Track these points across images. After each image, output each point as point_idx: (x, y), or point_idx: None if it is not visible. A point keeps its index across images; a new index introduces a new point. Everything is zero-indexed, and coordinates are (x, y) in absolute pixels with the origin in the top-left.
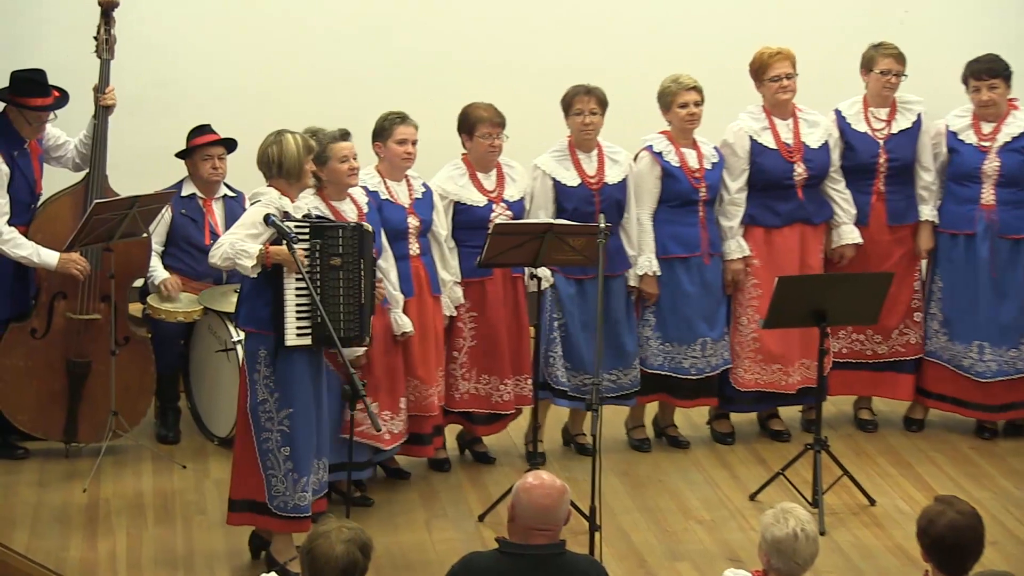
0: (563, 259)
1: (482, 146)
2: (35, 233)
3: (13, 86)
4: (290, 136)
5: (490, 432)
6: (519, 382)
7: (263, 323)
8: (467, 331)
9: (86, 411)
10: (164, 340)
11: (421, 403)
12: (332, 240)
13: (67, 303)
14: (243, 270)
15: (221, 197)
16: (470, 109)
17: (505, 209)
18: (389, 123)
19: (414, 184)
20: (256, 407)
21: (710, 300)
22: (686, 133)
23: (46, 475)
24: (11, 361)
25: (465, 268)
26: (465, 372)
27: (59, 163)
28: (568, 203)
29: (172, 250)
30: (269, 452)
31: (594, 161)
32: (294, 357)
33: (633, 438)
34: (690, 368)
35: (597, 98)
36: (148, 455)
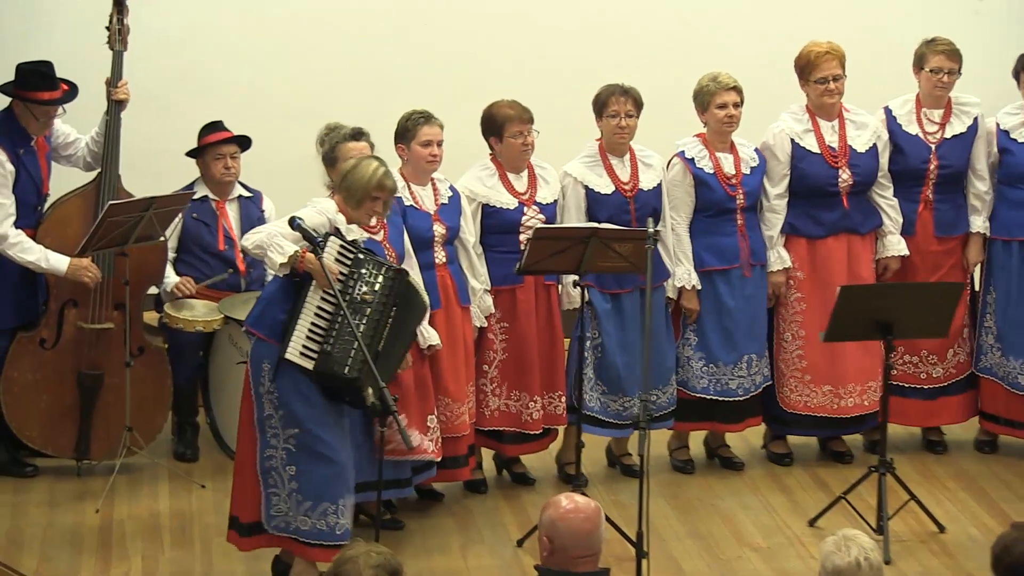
0: (608, 266)
1: (514, 146)
2: (43, 236)
3: (19, 79)
4: (373, 163)
5: (521, 452)
6: (551, 399)
7: (273, 331)
8: (498, 343)
9: (99, 427)
10: (182, 351)
11: (452, 423)
12: (371, 275)
13: (78, 311)
14: (271, 264)
15: (236, 198)
16: (495, 109)
17: (538, 212)
18: (412, 123)
19: (440, 188)
20: (262, 422)
21: (753, 314)
22: (723, 136)
23: (56, 495)
24: (19, 373)
25: (494, 275)
26: (495, 387)
27: (69, 162)
28: (602, 212)
29: (184, 256)
30: (272, 470)
31: (627, 166)
32: (294, 377)
33: (676, 459)
34: (737, 389)
35: (633, 99)
36: (165, 474)
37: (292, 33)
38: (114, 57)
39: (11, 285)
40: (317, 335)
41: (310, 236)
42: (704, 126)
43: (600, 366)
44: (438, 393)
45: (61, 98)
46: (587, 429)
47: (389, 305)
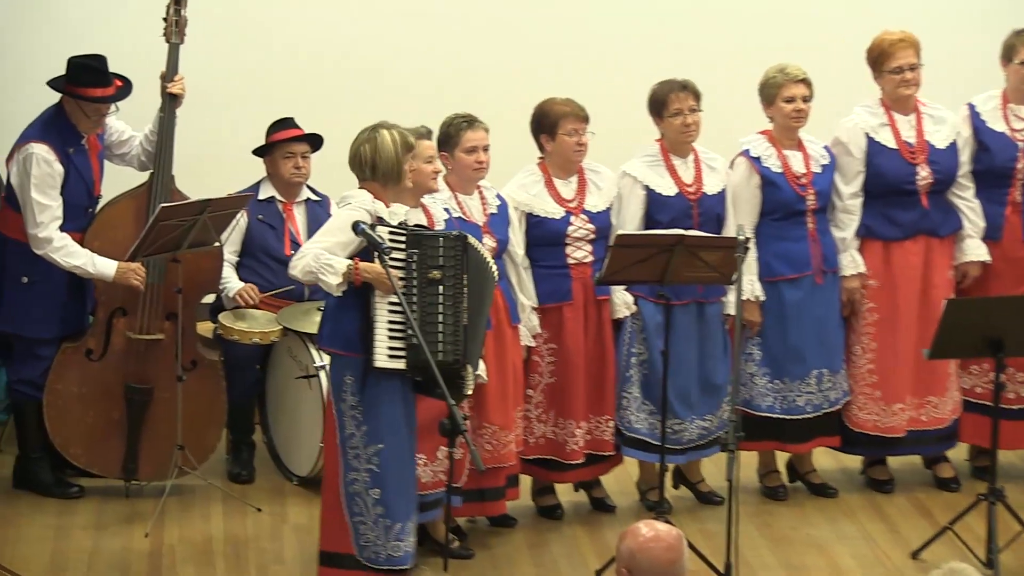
0: (694, 276)
1: (568, 145)
2: (91, 240)
3: (70, 74)
4: (386, 132)
5: (564, 480)
6: (598, 424)
7: (350, 343)
8: (544, 365)
9: (148, 445)
10: (237, 364)
11: (498, 451)
12: (431, 251)
13: (127, 321)
14: (327, 287)
15: (303, 201)
16: (548, 106)
17: (586, 222)
18: (455, 128)
19: (488, 197)
20: (344, 442)
21: (825, 325)
22: (790, 132)
23: (103, 517)
24: (64, 387)
25: (540, 292)
26: (541, 413)
27: (123, 161)
28: (663, 215)
29: (247, 261)
30: (356, 495)
31: (691, 168)
32: (384, 384)
33: (766, 485)
34: (805, 406)
35: (693, 93)
36: (218, 496)
37: (363, 24)
38: (170, 50)
39: (57, 292)
40: (398, 332)
41: (375, 241)
42: (770, 122)
43: (647, 384)
44: (483, 420)
45: (114, 95)
46: (632, 453)
47: (460, 274)
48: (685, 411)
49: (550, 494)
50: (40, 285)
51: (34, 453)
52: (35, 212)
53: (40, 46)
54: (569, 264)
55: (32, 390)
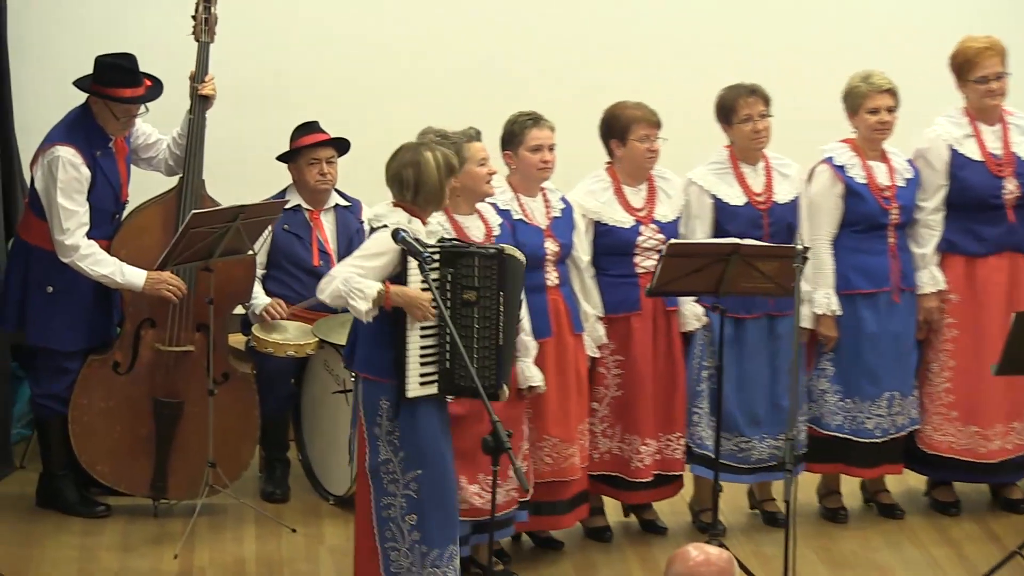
0: (751, 287)
1: (639, 151)
2: (118, 248)
3: (98, 73)
4: (430, 156)
5: (633, 500)
6: (668, 441)
7: (383, 370)
8: (610, 378)
9: (177, 462)
10: (271, 378)
11: (560, 465)
12: (467, 270)
13: (156, 332)
14: (356, 313)
15: (332, 207)
16: (619, 109)
17: (656, 231)
18: (520, 127)
19: (552, 200)
20: (377, 467)
21: (900, 345)
22: (875, 143)
23: (131, 538)
24: (90, 401)
25: (608, 301)
26: (607, 428)
27: (150, 165)
28: (731, 225)
29: (274, 273)
30: (390, 521)
31: (760, 175)
32: (421, 406)
33: (826, 506)
34: (874, 429)
35: (763, 97)
36: (251, 516)
37: (394, 25)
38: (199, 49)
39: (83, 302)
40: (430, 356)
41: (415, 250)
42: (853, 131)
43: (714, 400)
44: (543, 433)
45: (144, 95)
46: (700, 471)
47: (495, 293)
48: (752, 429)
49: (599, 515)
50: (65, 295)
51: (59, 470)
52: (61, 218)
53: (64, 44)
54: (638, 273)
55: (57, 405)
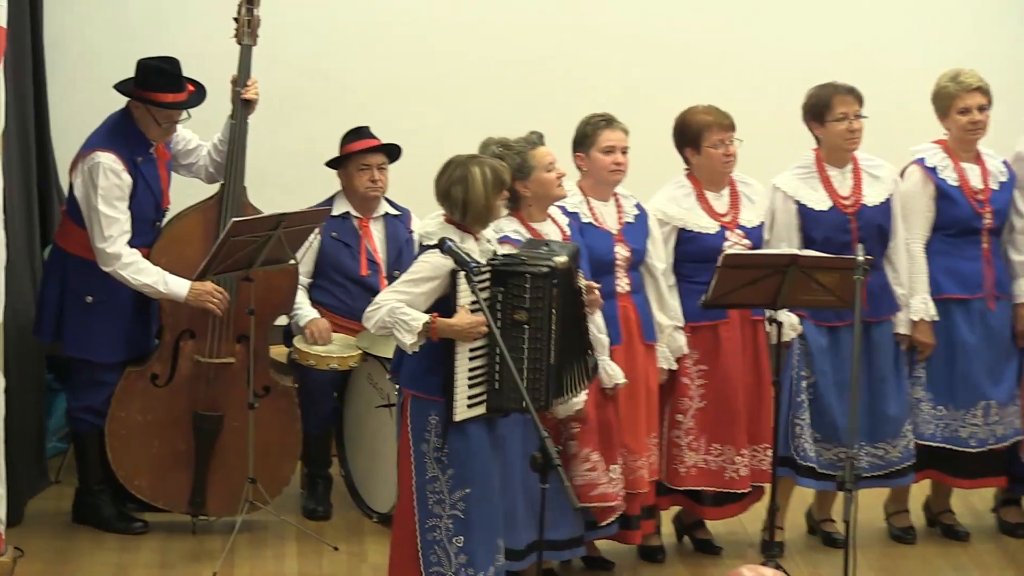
0: (810, 299)
1: (715, 157)
2: (158, 257)
3: (140, 77)
4: (477, 172)
5: (722, 516)
6: (756, 453)
7: (431, 388)
8: (694, 388)
9: (217, 477)
10: (313, 391)
11: (628, 477)
12: (517, 289)
13: (195, 344)
14: (401, 345)
15: (381, 216)
16: (689, 116)
17: (742, 237)
18: (592, 128)
19: (624, 205)
20: (423, 486)
21: (995, 353)
22: (967, 144)
23: (169, 555)
24: (128, 414)
25: (692, 310)
26: (692, 440)
27: (189, 172)
28: (817, 231)
29: (321, 282)
30: (435, 543)
31: (848, 178)
32: (471, 424)
33: (894, 526)
34: (969, 439)
35: (859, 98)
36: (292, 533)
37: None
38: (242, 52)
39: (122, 313)
40: (479, 377)
41: (463, 259)
42: (945, 133)
43: (814, 411)
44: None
45: (187, 100)
46: (806, 483)
47: (547, 312)
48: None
49: (701, 528)
50: (104, 305)
51: (95, 485)
52: (102, 225)
53: (102, 48)
54: None
55: (94, 418)
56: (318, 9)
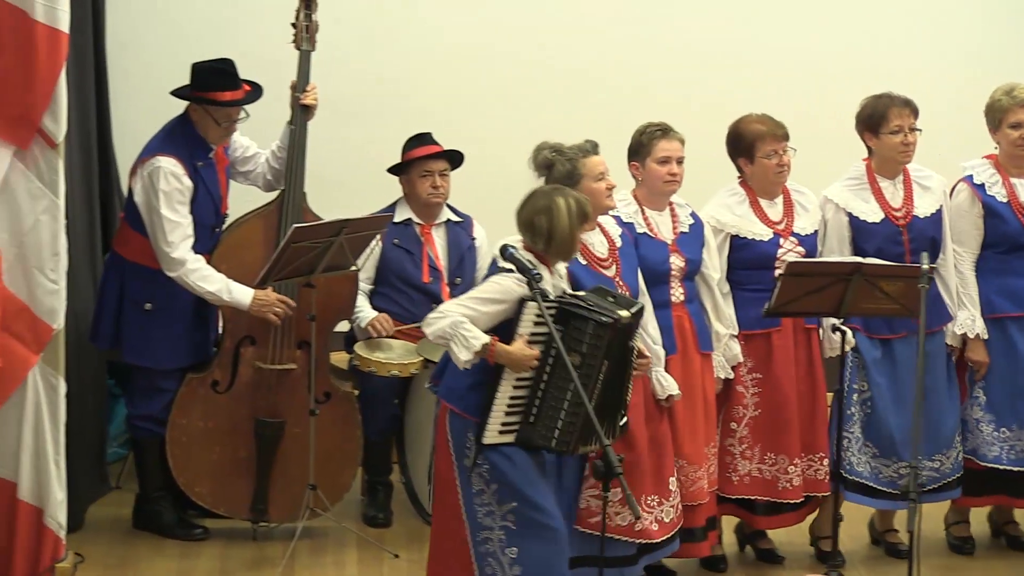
0: (873, 308)
1: (768, 167)
2: (219, 262)
3: (196, 79)
4: (563, 203)
5: (775, 525)
6: (812, 463)
7: (468, 407)
8: (749, 397)
9: (278, 484)
10: (374, 398)
11: (688, 489)
12: (577, 332)
13: (256, 350)
14: (455, 359)
15: (443, 223)
16: (743, 125)
17: (796, 244)
18: (647, 137)
19: (679, 214)
20: (471, 499)
21: None
22: (1018, 160)
23: (229, 562)
24: (188, 421)
25: (745, 317)
26: (746, 449)
27: (247, 179)
28: (868, 243)
29: (383, 289)
30: (489, 555)
31: (899, 190)
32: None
33: (953, 536)
34: None
35: (915, 111)
36: (353, 540)
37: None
38: (300, 58)
39: (182, 319)
40: (518, 407)
41: (525, 267)
42: (995, 147)
43: (869, 424)
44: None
45: (244, 98)
46: (854, 498)
47: (599, 361)
48: (908, 452)
49: (763, 538)
50: (163, 312)
51: (155, 492)
52: (165, 230)
53: (162, 55)
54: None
55: (154, 425)
56: (378, 14)
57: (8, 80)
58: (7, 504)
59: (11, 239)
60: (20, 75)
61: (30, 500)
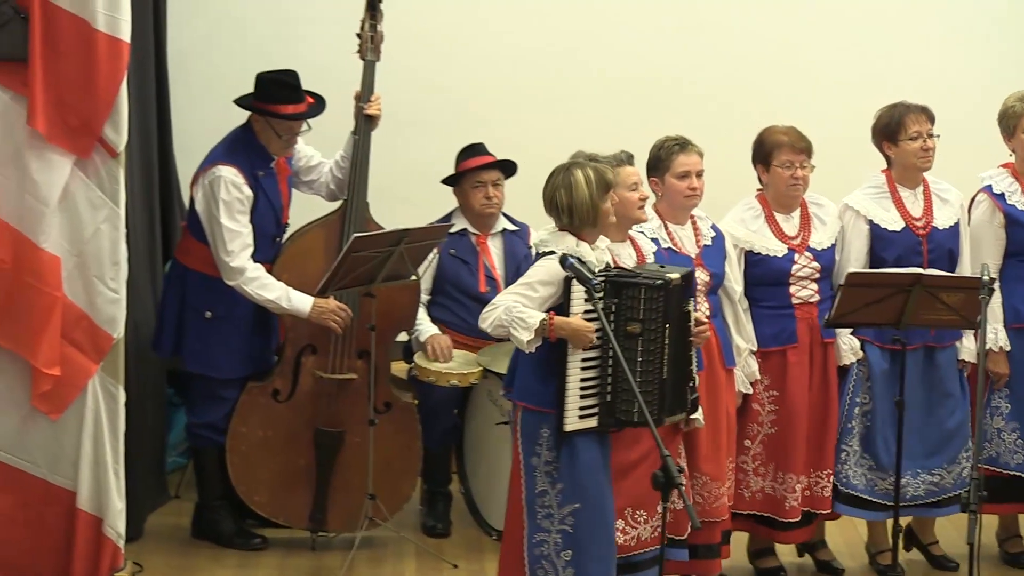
0: (933, 319)
1: (781, 178)
2: (281, 272)
3: (259, 90)
4: (579, 173)
5: (791, 540)
6: (818, 479)
7: (543, 400)
8: (764, 415)
9: (337, 493)
10: (434, 408)
11: (710, 504)
12: (632, 300)
13: (317, 359)
14: (518, 343)
15: (499, 232)
16: (766, 134)
17: (811, 260)
18: (666, 152)
19: (701, 227)
20: (533, 500)
21: None
22: None
23: (288, 571)
24: (248, 429)
25: (761, 335)
26: (759, 466)
27: (310, 188)
28: (888, 252)
29: (440, 299)
30: (543, 558)
31: (920, 200)
32: (582, 438)
33: (1007, 551)
34: None
35: (931, 117)
36: (411, 550)
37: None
38: (365, 68)
39: (242, 328)
40: (591, 389)
41: (584, 276)
42: (1010, 154)
43: (867, 437)
44: (693, 470)
45: (307, 111)
46: (847, 511)
47: (661, 326)
48: (908, 464)
49: (770, 555)
50: (224, 320)
51: (214, 501)
52: (225, 239)
53: (224, 64)
54: (794, 304)
55: (214, 434)
56: (440, 25)
57: (69, 90)
58: (66, 513)
59: (71, 248)
60: (81, 85)
61: (89, 509)
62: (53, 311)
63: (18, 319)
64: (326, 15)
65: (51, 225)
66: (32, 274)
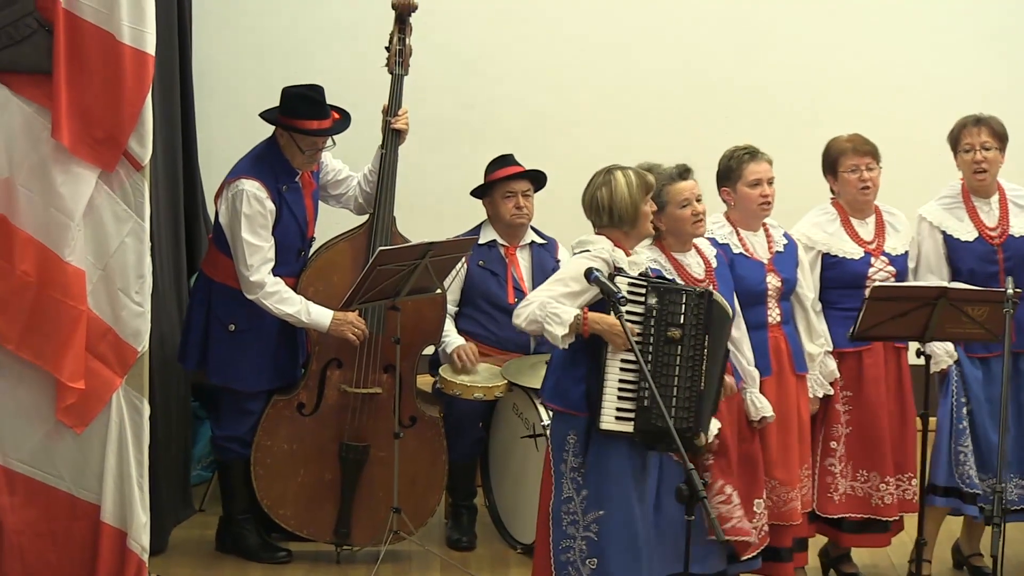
0: (959, 332)
1: (851, 183)
2: (306, 286)
3: (284, 105)
4: (620, 175)
5: (862, 544)
6: (902, 482)
7: (574, 402)
8: (843, 415)
9: (362, 507)
10: (459, 422)
11: (780, 509)
12: (673, 306)
13: (342, 373)
14: (552, 339)
15: (528, 244)
16: (832, 143)
17: (886, 264)
18: (736, 161)
19: (774, 235)
20: (559, 507)
21: None
22: None
23: None
24: (274, 443)
25: (837, 336)
26: (843, 468)
27: (339, 202)
28: (963, 263)
29: (468, 311)
30: (569, 565)
31: (995, 209)
32: (612, 446)
33: None
34: None
35: (991, 129)
36: (437, 564)
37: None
38: (393, 82)
39: (267, 341)
40: (629, 392)
41: (609, 290)
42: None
43: (973, 439)
44: (765, 476)
45: (331, 128)
46: (968, 510)
47: (701, 334)
48: (1006, 471)
49: (848, 562)
50: (249, 334)
51: (239, 514)
52: (245, 253)
53: (250, 77)
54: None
55: (239, 447)
56: (468, 39)
57: (94, 103)
58: (91, 527)
59: (96, 261)
60: (106, 98)
61: (113, 523)
62: (78, 325)
63: (43, 333)
64: (354, 27)
65: (76, 238)
66: (57, 288)
